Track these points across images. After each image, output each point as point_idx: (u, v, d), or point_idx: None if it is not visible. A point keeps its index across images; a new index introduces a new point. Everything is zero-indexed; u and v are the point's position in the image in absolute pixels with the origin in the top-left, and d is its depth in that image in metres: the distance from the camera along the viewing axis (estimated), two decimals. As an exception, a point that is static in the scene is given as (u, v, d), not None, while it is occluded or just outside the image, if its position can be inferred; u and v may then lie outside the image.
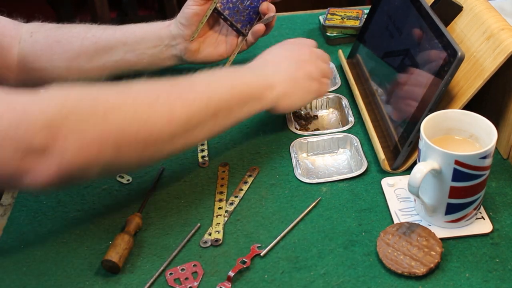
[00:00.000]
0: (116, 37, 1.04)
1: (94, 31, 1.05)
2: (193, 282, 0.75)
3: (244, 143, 0.97)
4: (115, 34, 1.04)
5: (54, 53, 1.04)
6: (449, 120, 0.79)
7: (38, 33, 1.05)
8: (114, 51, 1.04)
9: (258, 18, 1.06)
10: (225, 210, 0.85)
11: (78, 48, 1.04)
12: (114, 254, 0.76)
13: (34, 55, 1.05)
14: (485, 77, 0.82)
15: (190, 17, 1.02)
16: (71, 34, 1.05)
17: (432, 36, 0.86)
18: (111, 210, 0.86)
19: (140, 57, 1.04)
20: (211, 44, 1.07)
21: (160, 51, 1.05)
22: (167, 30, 1.04)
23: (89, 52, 1.04)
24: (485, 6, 0.89)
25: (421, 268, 0.73)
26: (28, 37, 1.05)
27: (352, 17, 1.22)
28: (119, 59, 1.04)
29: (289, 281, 0.75)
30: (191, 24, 1.02)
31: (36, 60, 1.05)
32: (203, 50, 1.06)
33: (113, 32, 1.04)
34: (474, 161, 0.73)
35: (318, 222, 0.82)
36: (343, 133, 0.96)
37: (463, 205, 0.77)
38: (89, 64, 1.05)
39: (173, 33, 1.03)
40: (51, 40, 1.05)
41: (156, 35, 1.04)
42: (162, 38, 1.04)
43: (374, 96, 1.00)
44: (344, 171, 0.92)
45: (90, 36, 1.04)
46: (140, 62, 1.05)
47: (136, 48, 1.04)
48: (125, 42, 1.04)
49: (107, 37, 1.04)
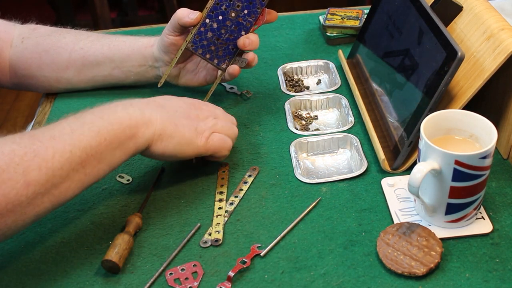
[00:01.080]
0: (103, 53, 1.03)
1: (82, 43, 1.04)
2: (193, 282, 0.75)
3: (244, 143, 0.97)
4: (102, 49, 1.03)
5: (43, 63, 1.04)
6: (449, 120, 0.79)
7: (28, 40, 1.05)
8: (102, 67, 1.04)
9: (238, 51, 0.99)
10: (225, 210, 0.85)
11: (66, 60, 1.04)
12: (114, 254, 0.76)
13: (24, 62, 1.05)
14: (485, 77, 0.82)
15: (167, 45, 0.98)
16: (60, 45, 1.04)
17: (432, 36, 0.86)
18: (111, 210, 0.86)
19: (126, 74, 1.04)
20: (191, 71, 1.03)
21: (145, 70, 1.04)
22: (150, 51, 1.01)
23: (77, 66, 1.04)
24: (485, 6, 0.89)
25: (421, 268, 0.73)
26: (19, 42, 1.05)
27: (352, 17, 1.22)
28: (107, 74, 1.04)
29: (289, 281, 0.75)
30: (169, 52, 0.99)
31: (27, 68, 1.05)
32: (183, 77, 1.04)
33: (101, 47, 1.03)
34: (474, 161, 0.73)
35: (318, 222, 0.82)
36: (343, 133, 0.96)
37: (463, 205, 0.77)
38: (78, 77, 1.05)
39: (155, 55, 1.01)
40: (41, 48, 1.04)
41: (141, 54, 1.02)
42: (146, 58, 1.02)
43: (374, 96, 1.00)
44: (344, 171, 0.92)
45: (78, 48, 1.03)
46: (127, 78, 1.05)
47: (123, 66, 1.03)
48: (112, 58, 1.03)
49: (95, 52, 1.03)
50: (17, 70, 1.06)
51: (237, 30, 0.96)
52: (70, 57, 1.03)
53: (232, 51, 0.98)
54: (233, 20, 0.95)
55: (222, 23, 0.95)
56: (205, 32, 0.96)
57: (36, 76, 1.05)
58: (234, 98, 1.07)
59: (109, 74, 1.04)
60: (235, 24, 0.96)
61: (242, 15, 0.95)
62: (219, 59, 0.99)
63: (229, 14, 0.95)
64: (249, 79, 1.12)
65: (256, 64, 1.00)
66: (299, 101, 1.05)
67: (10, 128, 2.55)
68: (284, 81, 1.11)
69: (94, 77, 1.05)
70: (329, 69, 1.13)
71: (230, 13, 0.95)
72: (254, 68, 1.14)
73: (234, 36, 0.97)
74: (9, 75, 1.07)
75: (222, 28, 0.95)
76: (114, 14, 2.72)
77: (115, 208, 0.87)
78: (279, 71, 1.13)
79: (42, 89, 1.09)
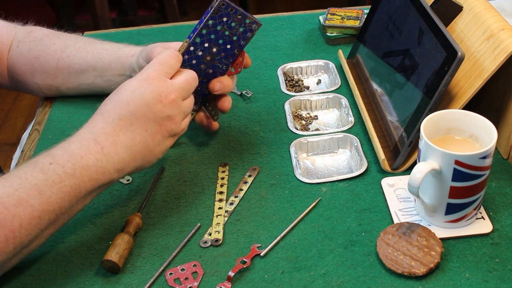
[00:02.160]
0: (87, 61, 1.02)
1: (69, 51, 1.03)
2: (193, 282, 0.75)
3: (244, 143, 0.97)
4: (86, 58, 1.02)
5: (34, 70, 1.04)
6: (449, 120, 0.79)
7: (23, 44, 1.05)
8: (86, 75, 1.03)
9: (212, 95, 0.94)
10: (225, 210, 0.85)
11: (54, 68, 1.03)
12: (114, 254, 0.76)
13: (19, 68, 1.05)
14: (485, 77, 0.82)
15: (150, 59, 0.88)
16: (48, 52, 1.04)
17: (432, 36, 0.86)
18: (111, 210, 0.86)
19: (108, 83, 1.02)
20: None
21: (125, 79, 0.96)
22: (129, 61, 0.97)
23: (64, 74, 1.04)
24: (485, 6, 0.89)
25: (421, 268, 0.73)
26: (15, 47, 1.05)
27: (352, 17, 1.22)
28: (90, 83, 1.03)
29: (289, 281, 0.75)
30: None
31: (21, 74, 1.05)
32: None
33: (85, 55, 1.02)
34: (474, 161, 0.73)
35: (318, 222, 0.82)
36: (343, 133, 0.96)
37: (463, 205, 0.77)
38: (65, 85, 1.05)
39: (133, 66, 0.96)
40: (32, 55, 1.04)
41: (121, 63, 0.99)
42: (125, 68, 0.99)
43: (374, 96, 1.00)
44: (344, 171, 0.92)
45: (65, 56, 1.03)
46: (109, 88, 1.01)
47: (104, 74, 1.02)
48: (94, 67, 1.01)
49: (79, 60, 1.02)
50: (13, 75, 1.06)
51: (212, 74, 0.91)
52: (58, 65, 1.03)
53: (207, 93, 0.92)
54: (208, 63, 0.90)
55: (196, 67, 0.89)
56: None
57: (29, 82, 1.06)
58: (234, 98, 1.07)
59: (92, 83, 1.03)
60: (210, 67, 0.91)
61: (218, 58, 0.90)
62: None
63: (204, 58, 0.89)
64: (249, 79, 1.12)
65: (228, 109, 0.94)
66: (299, 101, 1.05)
67: (10, 128, 2.55)
68: (284, 81, 1.11)
69: (79, 85, 1.05)
70: (329, 69, 1.13)
71: (205, 56, 0.89)
72: (254, 68, 1.14)
73: (208, 79, 0.91)
74: (8, 79, 1.08)
75: (196, 71, 0.88)
76: (114, 14, 2.72)
77: (115, 208, 0.86)
78: (279, 71, 1.13)
79: (36, 95, 1.11)
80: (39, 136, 1.02)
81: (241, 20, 0.90)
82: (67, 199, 0.73)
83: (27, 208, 0.70)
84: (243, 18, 0.90)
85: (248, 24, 0.90)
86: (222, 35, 0.89)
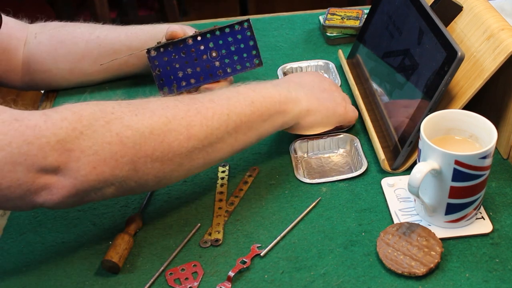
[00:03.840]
0: (121, 40, 1.03)
1: (98, 32, 1.04)
2: (193, 282, 0.75)
3: (244, 143, 0.96)
4: (119, 37, 1.03)
5: (58, 55, 1.04)
6: (449, 120, 0.79)
7: (41, 34, 1.05)
8: (119, 55, 1.04)
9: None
10: (225, 210, 0.85)
11: (82, 50, 1.04)
12: (114, 254, 0.76)
13: (39, 56, 1.04)
14: (485, 77, 0.82)
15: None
16: (75, 35, 1.04)
17: (432, 36, 0.86)
18: (111, 210, 0.86)
19: (143, 60, 1.03)
20: None
21: None
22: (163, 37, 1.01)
23: (93, 55, 1.04)
24: (485, 6, 0.89)
25: (421, 268, 0.73)
26: (33, 38, 1.05)
27: (352, 17, 1.22)
28: (123, 62, 1.04)
29: (289, 281, 0.75)
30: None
31: (41, 62, 1.05)
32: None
33: (118, 34, 1.04)
34: (474, 161, 0.73)
35: (318, 222, 0.82)
36: (343, 133, 0.96)
37: (463, 205, 0.77)
38: (93, 68, 1.05)
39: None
40: (55, 40, 1.04)
41: (157, 40, 1.01)
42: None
43: (374, 96, 1.00)
44: (344, 171, 0.92)
45: (94, 37, 1.03)
46: (143, 66, 1.05)
47: (140, 53, 1.03)
48: (129, 46, 1.03)
49: (112, 40, 1.03)
50: (31, 65, 1.05)
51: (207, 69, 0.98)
52: (87, 47, 1.03)
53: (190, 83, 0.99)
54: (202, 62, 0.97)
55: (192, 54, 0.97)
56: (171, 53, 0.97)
57: (50, 69, 1.05)
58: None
59: (125, 62, 1.04)
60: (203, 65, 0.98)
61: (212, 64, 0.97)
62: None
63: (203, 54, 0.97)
64: (249, 79, 1.12)
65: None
66: (299, 101, 1.05)
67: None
68: (284, 81, 1.11)
69: (110, 66, 1.05)
70: (329, 69, 1.13)
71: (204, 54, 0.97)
72: (254, 68, 1.14)
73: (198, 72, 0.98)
74: (21, 74, 1.06)
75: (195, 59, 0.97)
76: (114, 14, 2.72)
77: (115, 208, 0.87)
78: (279, 71, 1.13)
79: (54, 84, 1.09)
80: (39, 136, 1.02)
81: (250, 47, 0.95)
82: (250, 108, 0.80)
83: (218, 105, 0.78)
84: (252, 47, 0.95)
85: (253, 55, 0.96)
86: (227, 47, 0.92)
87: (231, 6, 3.18)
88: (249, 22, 0.96)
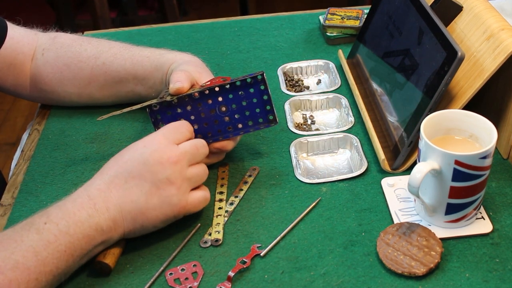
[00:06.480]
0: (126, 69, 0.99)
1: (104, 57, 1.00)
2: (193, 282, 0.75)
3: (244, 143, 0.97)
4: (125, 65, 0.99)
5: (64, 78, 1.01)
6: (449, 120, 0.79)
7: (49, 52, 1.02)
8: (125, 83, 1.00)
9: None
10: (225, 210, 0.85)
11: (88, 76, 1.01)
12: (102, 255, 0.76)
13: (45, 77, 1.02)
14: (485, 77, 0.82)
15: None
16: (81, 59, 1.01)
17: (432, 36, 0.87)
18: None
19: (149, 90, 0.99)
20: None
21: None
22: (171, 69, 0.94)
23: (100, 81, 1.01)
24: (485, 6, 0.89)
25: (421, 268, 0.73)
26: (40, 55, 1.02)
27: (352, 17, 1.22)
28: (130, 90, 1.01)
29: (289, 281, 0.75)
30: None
31: (47, 83, 1.02)
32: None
33: (123, 62, 0.99)
34: (474, 161, 0.73)
35: (318, 222, 0.82)
36: (343, 133, 0.96)
37: (463, 205, 0.77)
38: (100, 93, 1.02)
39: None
40: (61, 63, 1.01)
41: (163, 71, 0.96)
42: (167, 75, 0.95)
43: (374, 96, 1.00)
44: (344, 171, 0.92)
45: (100, 64, 1.00)
46: (149, 95, 0.99)
47: (145, 83, 0.99)
48: (135, 75, 0.99)
49: (117, 67, 0.99)
50: (37, 84, 1.03)
51: (216, 125, 0.88)
52: (92, 73, 1.00)
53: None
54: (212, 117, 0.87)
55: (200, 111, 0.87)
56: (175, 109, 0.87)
57: (58, 91, 1.03)
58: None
59: (132, 90, 1.01)
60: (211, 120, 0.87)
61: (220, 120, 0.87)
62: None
63: (212, 109, 0.87)
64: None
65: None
66: (299, 101, 1.05)
67: (10, 128, 2.55)
68: (284, 81, 1.11)
69: (117, 93, 1.02)
70: (329, 69, 1.13)
71: (221, 107, 0.87)
72: (254, 68, 1.14)
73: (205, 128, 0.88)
74: (29, 89, 1.04)
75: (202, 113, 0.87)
76: (114, 14, 2.72)
77: (115, 208, 0.86)
78: (279, 71, 1.13)
79: (63, 104, 1.07)
80: (39, 136, 1.02)
81: (264, 101, 0.87)
82: (63, 258, 0.71)
83: (24, 272, 0.68)
84: (266, 102, 0.87)
85: (267, 110, 0.88)
86: (239, 101, 0.87)
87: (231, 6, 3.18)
88: (263, 75, 0.86)
